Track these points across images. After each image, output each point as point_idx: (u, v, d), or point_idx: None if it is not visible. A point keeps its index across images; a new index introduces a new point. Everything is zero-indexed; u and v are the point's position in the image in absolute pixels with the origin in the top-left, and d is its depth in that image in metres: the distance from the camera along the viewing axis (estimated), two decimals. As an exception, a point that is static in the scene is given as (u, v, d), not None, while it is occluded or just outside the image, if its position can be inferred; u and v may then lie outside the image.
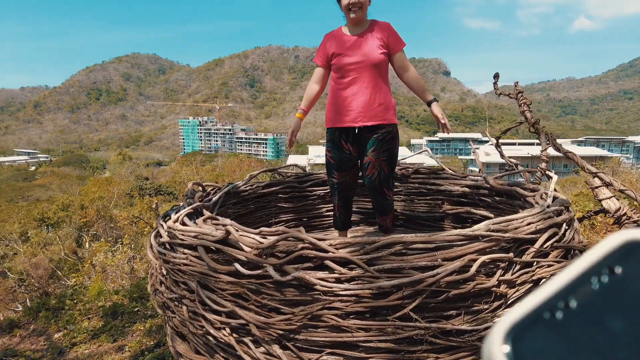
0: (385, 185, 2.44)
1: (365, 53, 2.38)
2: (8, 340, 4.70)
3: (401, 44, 2.47)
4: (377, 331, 1.19)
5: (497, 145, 2.71)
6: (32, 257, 12.38)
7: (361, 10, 2.35)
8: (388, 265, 1.23)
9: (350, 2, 2.31)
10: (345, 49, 2.41)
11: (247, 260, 1.31)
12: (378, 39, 2.41)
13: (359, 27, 2.44)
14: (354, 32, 2.44)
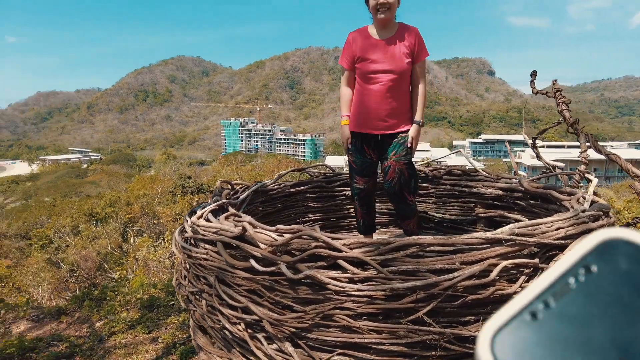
0: (406, 189, 2.39)
1: (392, 62, 2.34)
2: (55, 326, 4.97)
3: (425, 54, 2.41)
4: (389, 334, 1.16)
5: (533, 147, 2.59)
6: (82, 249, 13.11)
7: (389, 11, 2.30)
8: (403, 267, 1.20)
9: (378, 2, 2.27)
10: (372, 55, 2.37)
11: (262, 257, 1.32)
12: (405, 47, 2.35)
13: (386, 30, 2.38)
14: (381, 35, 2.38)
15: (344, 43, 2.49)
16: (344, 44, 2.49)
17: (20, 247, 17.04)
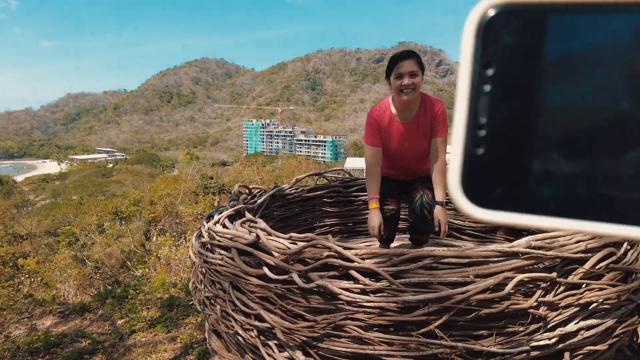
0: (427, 208, 2.33)
1: (413, 147, 2.31)
2: (80, 322, 5.11)
3: (444, 131, 2.27)
4: (400, 346, 1.16)
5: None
6: (106, 247, 13.46)
7: (414, 92, 2.16)
8: (415, 279, 1.19)
9: (403, 83, 2.13)
10: (394, 138, 2.32)
11: (275, 264, 1.33)
12: (425, 128, 2.28)
13: (409, 110, 2.27)
14: (403, 117, 2.28)
15: (367, 120, 2.38)
16: (367, 121, 2.37)
17: (49, 243, 17.60)
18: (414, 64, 2.13)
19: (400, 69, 2.13)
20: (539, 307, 1.23)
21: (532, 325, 1.21)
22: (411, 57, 2.15)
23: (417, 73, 2.13)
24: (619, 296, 1.38)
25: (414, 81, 2.12)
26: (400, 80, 2.13)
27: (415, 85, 2.13)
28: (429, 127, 2.27)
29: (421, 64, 2.17)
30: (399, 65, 2.14)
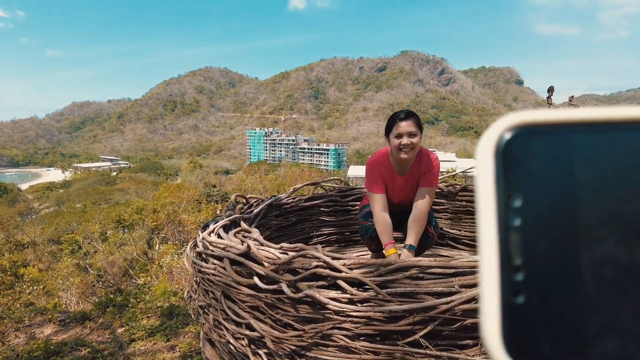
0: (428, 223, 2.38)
1: (409, 196, 2.41)
2: (80, 331, 5.13)
3: (431, 183, 2.37)
4: (386, 355, 1.17)
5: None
6: (109, 255, 13.48)
7: (413, 151, 2.24)
8: (401, 289, 1.22)
9: (402, 143, 2.20)
10: (392, 190, 2.43)
11: (265, 274, 1.36)
12: (417, 178, 2.39)
13: (406, 165, 2.36)
14: (401, 170, 2.38)
15: (368, 169, 2.45)
16: (368, 170, 2.44)
17: (52, 251, 17.63)
18: (413, 125, 2.21)
19: (399, 129, 2.21)
20: (524, 317, 1.25)
21: (517, 335, 1.23)
22: (410, 117, 2.23)
23: (415, 133, 2.21)
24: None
25: (413, 141, 2.20)
26: (399, 140, 2.21)
27: (413, 145, 2.20)
28: (420, 178, 2.36)
29: (419, 125, 2.24)
30: (398, 125, 2.21)
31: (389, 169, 2.38)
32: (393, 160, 2.35)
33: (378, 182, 2.37)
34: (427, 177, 2.33)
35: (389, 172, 2.38)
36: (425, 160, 2.33)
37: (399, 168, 2.37)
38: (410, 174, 2.37)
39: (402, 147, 2.20)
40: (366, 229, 2.48)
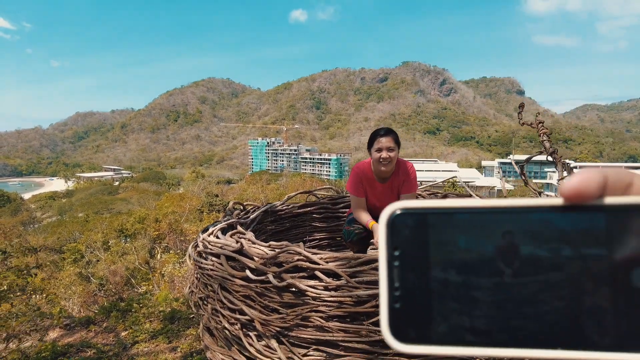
0: None
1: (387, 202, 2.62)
2: (85, 334, 5.34)
3: (412, 189, 2.67)
4: (354, 333, 1.41)
5: (521, 173, 2.79)
6: (111, 264, 13.66)
7: (390, 164, 2.55)
8: (367, 277, 1.45)
9: (381, 156, 2.51)
10: (372, 197, 2.70)
11: (255, 267, 1.60)
12: (397, 187, 2.67)
13: (385, 175, 2.65)
14: (381, 179, 2.67)
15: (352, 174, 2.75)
16: (352, 175, 2.74)
17: (54, 260, 17.79)
18: (391, 141, 2.52)
19: (379, 144, 2.52)
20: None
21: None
22: (389, 134, 2.54)
23: (393, 148, 2.52)
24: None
25: (391, 155, 2.50)
26: (379, 154, 2.51)
27: (391, 158, 2.51)
28: (400, 186, 2.65)
29: (397, 141, 2.55)
30: (379, 140, 2.53)
31: (370, 177, 2.67)
32: (374, 169, 2.64)
33: (359, 187, 2.69)
34: (406, 185, 2.62)
35: (369, 180, 2.68)
36: (403, 170, 2.61)
37: (379, 177, 2.66)
38: (389, 183, 2.67)
39: (382, 160, 2.51)
40: (348, 233, 2.75)
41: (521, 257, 0.30)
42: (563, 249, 0.30)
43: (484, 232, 0.31)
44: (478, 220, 0.31)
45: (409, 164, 2.68)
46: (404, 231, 0.32)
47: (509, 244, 0.30)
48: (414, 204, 0.32)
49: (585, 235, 0.29)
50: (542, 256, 0.30)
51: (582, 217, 0.30)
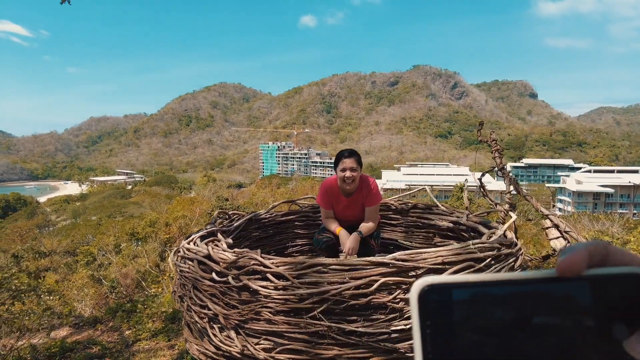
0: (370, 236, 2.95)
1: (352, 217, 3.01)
2: (92, 333, 5.70)
3: (373, 202, 2.98)
4: (295, 325, 1.70)
5: (480, 186, 3.05)
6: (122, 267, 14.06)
7: (353, 182, 2.89)
8: (309, 279, 1.75)
9: (345, 176, 2.85)
10: (339, 209, 3.03)
11: (219, 270, 1.91)
12: (361, 203, 2.98)
13: (350, 190, 2.97)
14: (346, 194, 2.99)
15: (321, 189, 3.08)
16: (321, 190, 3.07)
17: (68, 263, 18.29)
18: (354, 162, 2.87)
19: (343, 165, 2.88)
20: (398, 302, 1.76)
21: (390, 314, 1.74)
22: (352, 156, 2.90)
23: (356, 168, 2.86)
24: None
25: (354, 174, 2.84)
26: (343, 173, 2.86)
27: (354, 177, 2.85)
28: (363, 199, 2.97)
29: (359, 162, 2.91)
30: (343, 161, 2.89)
31: (336, 192, 3.01)
32: (339, 186, 2.95)
33: (326, 200, 3.03)
34: (368, 198, 2.92)
35: (336, 194, 3.02)
36: (366, 185, 2.91)
37: (344, 192, 2.99)
38: (354, 197, 2.99)
39: (346, 179, 2.85)
40: (317, 241, 3.06)
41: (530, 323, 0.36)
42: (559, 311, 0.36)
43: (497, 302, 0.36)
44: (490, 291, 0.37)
45: (370, 179, 2.98)
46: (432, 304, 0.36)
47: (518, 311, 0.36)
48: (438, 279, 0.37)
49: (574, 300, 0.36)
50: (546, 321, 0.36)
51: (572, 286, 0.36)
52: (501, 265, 2.13)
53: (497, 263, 2.13)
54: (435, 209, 3.35)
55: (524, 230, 9.63)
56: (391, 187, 69.95)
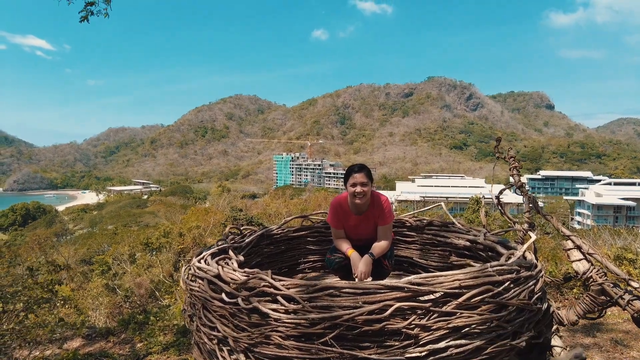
0: (383, 257, 2.86)
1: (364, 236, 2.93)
2: (104, 344, 5.70)
3: (386, 221, 2.88)
4: (306, 351, 1.64)
5: (498, 204, 2.96)
6: (136, 276, 14.15)
7: (364, 197, 2.78)
8: (320, 302, 1.69)
9: (356, 191, 2.76)
10: (350, 228, 2.94)
11: (229, 292, 1.86)
12: (373, 221, 2.88)
13: (361, 208, 2.88)
14: (356, 212, 2.90)
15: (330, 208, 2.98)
16: (331, 208, 2.97)
17: (83, 271, 18.51)
18: (364, 176, 2.77)
19: (354, 180, 2.77)
20: (414, 328, 1.69)
21: (405, 341, 1.67)
22: (362, 170, 2.80)
23: (367, 183, 2.76)
24: (488, 323, 1.81)
25: (364, 189, 2.73)
26: (354, 188, 2.75)
27: (364, 192, 2.74)
28: (375, 218, 2.87)
29: (370, 176, 2.80)
30: (353, 176, 2.78)
31: (346, 210, 2.92)
32: (350, 203, 2.86)
33: (337, 219, 2.93)
34: (381, 217, 2.84)
35: (345, 212, 2.93)
36: (377, 203, 2.83)
37: (355, 209, 2.90)
38: (365, 215, 2.90)
39: (356, 194, 2.75)
40: (330, 261, 2.99)
41: None
42: None
43: None
44: None
45: (382, 197, 2.90)
46: None
47: None
48: None
49: None
50: None
51: None
52: (521, 289, 2.05)
53: (517, 286, 2.04)
54: (451, 226, 3.27)
55: (541, 244, 9.39)
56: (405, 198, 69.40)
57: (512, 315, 1.92)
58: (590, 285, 2.18)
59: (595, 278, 2.15)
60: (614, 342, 3.73)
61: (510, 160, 2.67)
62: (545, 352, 2.39)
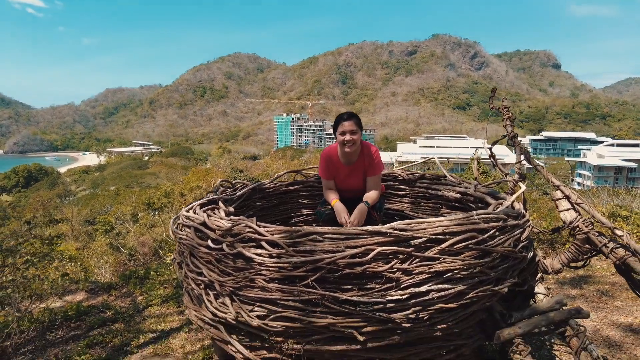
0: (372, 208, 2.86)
1: (354, 186, 2.90)
2: (106, 298, 5.87)
3: (376, 171, 2.84)
4: (289, 293, 1.67)
5: (490, 156, 2.94)
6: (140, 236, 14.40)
7: (354, 145, 2.74)
8: (303, 247, 1.71)
9: (345, 139, 2.71)
10: (340, 179, 2.91)
11: (215, 238, 1.88)
12: (362, 170, 2.85)
13: (350, 157, 2.84)
14: (346, 161, 2.87)
15: (320, 159, 2.96)
16: (321, 160, 2.95)
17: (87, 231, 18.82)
18: (354, 124, 2.72)
19: (343, 128, 2.73)
20: (395, 272, 1.71)
21: (386, 284, 1.70)
22: (352, 118, 2.74)
23: (356, 131, 2.71)
24: (471, 269, 1.84)
25: (354, 137, 2.70)
26: (343, 137, 2.72)
27: (354, 140, 2.71)
28: (365, 167, 2.86)
29: (359, 124, 2.75)
30: (342, 124, 2.73)
31: (335, 161, 2.90)
32: (340, 153, 2.84)
33: (327, 170, 2.92)
34: (371, 167, 2.82)
35: (335, 163, 2.91)
36: (367, 153, 2.81)
37: (344, 159, 2.87)
38: (355, 165, 2.88)
39: (345, 142, 2.72)
40: (320, 213, 3.01)
41: None
42: None
43: None
44: None
45: (372, 147, 2.87)
46: None
47: None
48: None
49: None
50: None
51: None
52: (506, 237, 2.06)
53: (502, 234, 2.05)
54: (443, 179, 3.26)
55: (540, 204, 9.46)
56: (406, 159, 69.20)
57: (495, 262, 1.94)
58: (577, 234, 2.20)
59: (582, 227, 2.16)
60: (599, 293, 3.82)
61: (504, 110, 2.63)
62: (529, 299, 2.44)
